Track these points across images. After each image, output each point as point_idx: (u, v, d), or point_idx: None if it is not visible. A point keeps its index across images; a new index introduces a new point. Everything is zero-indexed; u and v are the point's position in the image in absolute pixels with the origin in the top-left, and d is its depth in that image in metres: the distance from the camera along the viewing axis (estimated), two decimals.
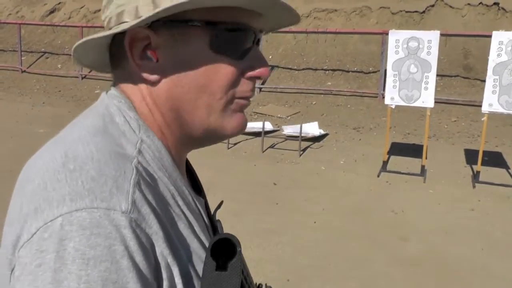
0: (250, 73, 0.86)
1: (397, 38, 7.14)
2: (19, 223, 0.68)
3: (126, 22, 0.79)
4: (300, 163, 7.73)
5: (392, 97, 7.24)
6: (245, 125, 0.90)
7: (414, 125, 9.82)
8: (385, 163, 7.48)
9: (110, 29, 0.82)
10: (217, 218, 1.02)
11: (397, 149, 8.48)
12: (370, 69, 12.06)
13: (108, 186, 0.68)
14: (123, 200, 0.68)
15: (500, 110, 6.80)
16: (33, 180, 0.70)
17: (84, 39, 0.82)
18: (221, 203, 1.06)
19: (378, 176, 7.15)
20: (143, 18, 0.76)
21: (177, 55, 0.81)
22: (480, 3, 12.77)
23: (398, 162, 7.74)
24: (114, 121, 0.80)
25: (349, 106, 11.06)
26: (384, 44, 10.52)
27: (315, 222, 5.51)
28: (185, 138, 0.87)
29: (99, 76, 13.30)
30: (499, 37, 6.76)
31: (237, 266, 0.73)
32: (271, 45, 12.81)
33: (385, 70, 7.55)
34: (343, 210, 5.89)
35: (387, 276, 4.27)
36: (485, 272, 4.52)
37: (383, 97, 7.61)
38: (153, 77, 0.82)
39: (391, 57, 7.18)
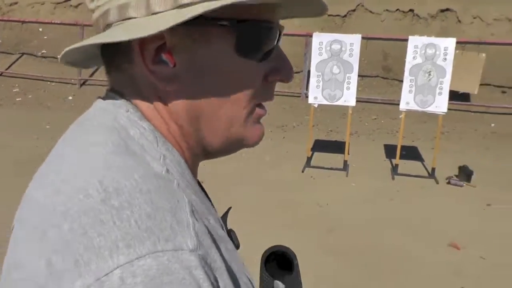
0: (275, 77, 0.76)
1: (320, 41, 7.32)
2: (47, 281, 0.53)
3: (134, 18, 0.66)
4: (225, 161, 7.75)
5: (316, 96, 7.41)
6: (264, 134, 0.79)
7: (336, 123, 10.07)
8: (309, 159, 7.64)
9: (108, 25, 0.69)
10: (228, 227, 0.89)
11: (320, 146, 8.67)
12: (294, 69, 12.23)
13: (168, 221, 0.55)
14: (187, 236, 0.55)
15: (416, 108, 7.15)
16: (59, 225, 0.56)
17: (82, 43, 0.67)
18: (229, 209, 0.94)
19: (303, 171, 7.28)
20: (185, 19, 0.62)
21: (196, 59, 0.68)
22: (397, 9, 13.31)
23: (321, 158, 7.92)
24: (130, 135, 0.66)
25: (273, 104, 11.19)
26: (307, 45, 10.73)
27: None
28: (200, 150, 0.76)
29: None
30: (414, 41, 7.12)
31: (297, 280, 0.74)
32: None
33: (309, 71, 7.72)
34: (269, 204, 5.94)
35: (316, 266, 4.34)
36: (405, 256, 4.68)
37: (306, 97, 7.79)
38: (170, 85, 0.69)
39: (315, 58, 7.36)
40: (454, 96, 10.38)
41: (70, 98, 11.71)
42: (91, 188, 0.57)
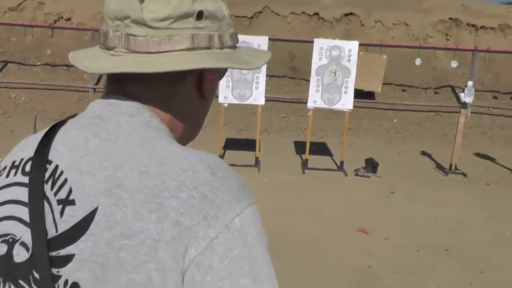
0: None
1: None
2: (180, 234, 0.74)
3: (229, 48, 0.93)
4: None
5: (226, 96, 7.56)
6: None
7: (247, 122, 10.26)
8: (221, 157, 7.75)
9: (215, 48, 0.90)
10: None
11: (232, 144, 8.82)
12: None
13: (244, 185, 0.84)
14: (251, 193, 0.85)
15: (323, 105, 7.48)
16: (176, 196, 0.76)
17: (154, 69, 0.84)
18: None
19: None
20: (265, 61, 0.99)
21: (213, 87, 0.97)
22: (303, 12, 13.75)
23: (233, 155, 8.05)
24: (166, 132, 0.91)
25: None
26: None
27: None
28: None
29: None
30: (319, 43, 7.46)
31: None
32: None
33: None
34: None
35: None
36: (316, 241, 4.90)
37: (217, 97, 7.89)
38: (202, 102, 0.97)
39: None
40: (360, 94, 10.89)
41: None
42: (198, 166, 0.80)
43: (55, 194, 0.81)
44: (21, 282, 0.81)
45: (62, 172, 0.82)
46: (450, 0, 13.83)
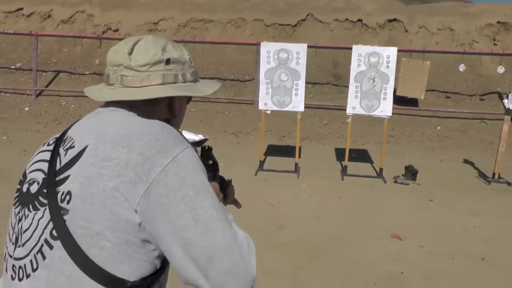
0: None
1: (268, 50, 7.60)
2: (144, 161, 1.18)
3: (191, 82, 1.44)
4: None
5: (266, 102, 7.66)
6: None
7: (288, 129, 10.34)
8: (261, 163, 7.85)
9: (179, 82, 1.40)
10: None
11: (272, 150, 8.91)
12: (246, 77, 12.52)
13: (182, 137, 1.31)
14: (187, 143, 1.30)
15: (362, 112, 7.50)
16: (140, 139, 1.22)
17: (165, 94, 1.36)
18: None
19: (256, 175, 7.48)
20: (213, 90, 1.48)
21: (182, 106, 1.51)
22: (346, 19, 13.75)
23: (274, 162, 8.15)
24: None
25: (226, 112, 11.40)
26: (258, 54, 10.96)
27: None
28: None
29: None
30: (358, 50, 7.49)
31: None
32: None
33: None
34: None
35: (266, 258, 4.51)
36: (350, 246, 4.94)
37: (259, 103, 8.03)
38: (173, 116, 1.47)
39: (263, 66, 7.62)
40: (403, 101, 10.83)
41: (26, 109, 11.66)
42: (153, 123, 1.29)
43: (64, 148, 1.30)
44: (31, 204, 1.26)
45: (71, 137, 1.32)
46: (498, 4, 13.55)
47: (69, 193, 1.20)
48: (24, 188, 1.33)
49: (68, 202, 1.19)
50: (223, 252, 1.16)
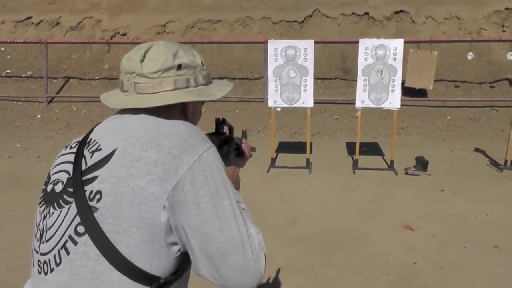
0: None
1: (275, 47, 7.65)
2: (172, 160, 1.26)
3: (203, 85, 1.49)
4: None
5: (275, 100, 7.72)
6: None
7: (299, 125, 10.39)
8: (273, 160, 7.91)
9: (191, 86, 1.46)
10: None
11: (284, 147, 8.97)
12: (255, 75, 12.57)
13: (207, 138, 1.39)
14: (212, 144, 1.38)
15: (371, 105, 7.53)
16: (168, 138, 1.30)
17: (189, 99, 1.44)
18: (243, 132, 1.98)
19: (268, 172, 7.55)
20: (225, 93, 1.54)
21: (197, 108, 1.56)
22: (353, 13, 13.74)
23: (285, 158, 8.21)
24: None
25: (237, 111, 11.48)
26: (266, 52, 11.01)
27: None
28: None
29: None
30: (365, 43, 7.52)
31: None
32: None
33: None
34: None
35: (281, 254, 4.57)
36: (363, 239, 4.99)
37: (268, 101, 8.08)
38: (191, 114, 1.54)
39: (271, 64, 7.68)
40: (412, 92, 10.84)
41: (39, 116, 11.81)
42: (178, 124, 1.36)
43: (89, 150, 1.36)
44: (55, 202, 1.34)
45: (95, 140, 1.39)
46: None
47: (99, 192, 1.27)
48: (49, 188, 1.40)
49: (98, 200, 1.26)
50: (236, 248, 1.27)
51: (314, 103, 7.77)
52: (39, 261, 1.34)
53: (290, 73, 7.60)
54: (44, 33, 14.30)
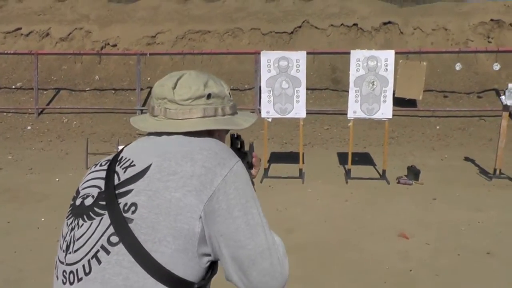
0: None
1: (268, 58, 7.73)
2: (206, 172, 1.32)
3: (229, 115, 1.56)
4: None
5: (268, 111, 7.79)
6: None
7: (290, 135, 10.47)
8: (266, 170, 7.97)
9: (219, 115, 1.53)
10: None
11: (276, 157, 9.04)
12: (246, 86, 12.64)
13: (234, 154, 1.45)
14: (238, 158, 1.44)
15: (363, 116, 7.62)
16: (201, 153, 1.36)
17: (221, 127, 1.52)
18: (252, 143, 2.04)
19: (261, 182, 7.59)
20: (250, 123, 1.61)
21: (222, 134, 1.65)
22: (342, 24, 13.90)
23: (278, 168, 8.26)
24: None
25: None
26: (257, 63, 11.08)
27: None
28: None
29: None
30: (356, 55, 7.63)
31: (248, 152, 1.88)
32: (148, 67, 13.02)
33: (260, 87, 8.11)
34: None
35: None
36: (359, 247, 5.05)
37: (260, 112, 8.14)
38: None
39: (264, 75, 7.75)
40: (402, 102, 10.97)
41: (29, 127, 11.78)
42: (208, 140, 1.44)
43: (121, 166, 1.42)
44: (85, 215, 1.38)
45: (127, 158, 1.44)
46: (491, 2, 13.70)
47: (134, 204, 1.32)
48: (78, 202, 1.44)
49: (134, 212, 1.31)
50: (265, 255, 1.35)
51: (306, 113, 7.84)
52: (64, 271, 1.36)
53: (282, 84, 7.68)
54: (34, 44, 14.29)
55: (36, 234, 5.29)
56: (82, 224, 1.37)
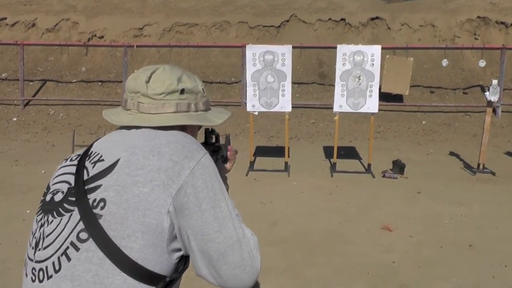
0: None
1: (254, 52, 7.71)
2: (173, 166, 1.32)
3: (202, 111, 1.56)
4: None
5: (253, 104, 7.79)
6: None
7: (277, 129, 10.49)
8: (252, 163, 7.97)
9: (192, 111, 1.53)
10: None
11: (262, 151, 9.04)
12: (232, 79, 12.64)
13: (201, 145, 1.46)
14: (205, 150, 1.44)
15: (349, 110, 7.65)
16: (168, 146, 1.36)
17: (194, 122, 1.52)
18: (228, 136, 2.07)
19: (247, 175, 7.60)
20: (223, 120, 1.61)
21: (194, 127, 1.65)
22: (330, 18, 13.92)
23: (264, 162, 8.27)
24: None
25: None
26: (244, 56, 11.04)
27: None
28: None
29: None
30: (342, 49, 7.64)
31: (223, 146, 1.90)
32: (135, 59, 12.96)
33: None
34: None
35: (262, 255, 4.58)
36: (343, 240, 5.08)
37: (246, 105, 8.14)
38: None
39: (250, 69, 7.74)
40: (389, 98, 11.02)
41: (15, 119, 11.69)
42: (175, 133, 1.42)
43: (90, 161, 1.41)
44: (55, 211, 1.36)
45: (97, 152, 1.43)
46: None
47: (102, 200, 1.31)
48: (48, 198, 1.43)
49: (102, 208, 1.30)
50: (234, 247, 1.34)
51: (291, 107, 7.85)
52: (33, 269, 1.35)
53: (268, 77, 7.67)
54: (19, 35, 14.17)
55: (21, 226, 5.26)
56: (52, 221, 1.35)
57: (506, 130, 10.47)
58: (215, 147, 1.84)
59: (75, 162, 1.45)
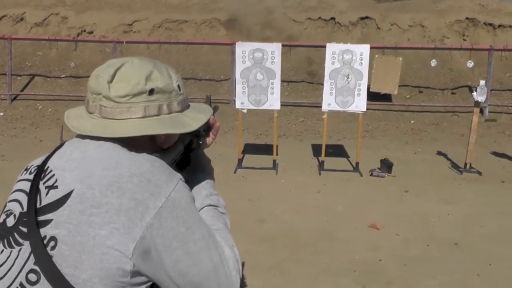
0: None
1: (243, 49, 7.70)
2: (136, 206, 1.15)
3: (177, 112, 1.36)
4: None
5: (242, 102, 7.78)
6: None
7: (265, 127, 10.49)
8: (240, 160, 7.97)
9: (163, 114, 1.33)
10: None
11: (250, 148, 9.04)
12: (222, 77, 12.62)
13: (175, 172, 1.27)
14: (179, 176, 1.27)
15: (337, 108, 7.67)
16: (130, 181, 1.17)
17: (167, 131, 1.33)
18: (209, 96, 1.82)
19: (235, 172, 7.59)
20: (201, 123, 1.40)
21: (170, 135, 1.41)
22: (319, 17, 13.94)
23: (252, 159, 8.27)
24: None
25: None
26: (233, 53, 11.06)
27: None
28: None
29: None
30: (332, 48, 7.65)
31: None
32: (125, 55, 12.75)
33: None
34: None
35: (248, 252, 4.63)
36: (330, 238, 5.10)
37: (235, 102, 8.14)
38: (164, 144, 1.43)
39: (239, 66, 7.73)
40: (377, 97, 11.06)
41: (2, 114, 11.59)
42: (141, 160, 1.22)
43: (44, 184, 1.23)
44: (6, 240, 1.21)
45: (52, 171, 1.25)
46: (467, 0, 13.88)
47: (53, 238, 1.16)
48: (1, 219, 1.28)
49: (53, 248, 1.15)
50: (210, 277, 1.23)
51: (280, 105, 7.86)
52: None
53: (257, 75, 7.67)
54: (7, 29, 14.04)
55: None
56: (2, 250, 1.22)
57: (492, 130, 10.55)
58: (196, 131, 1.59)
59: (31, 178, 1.28)
